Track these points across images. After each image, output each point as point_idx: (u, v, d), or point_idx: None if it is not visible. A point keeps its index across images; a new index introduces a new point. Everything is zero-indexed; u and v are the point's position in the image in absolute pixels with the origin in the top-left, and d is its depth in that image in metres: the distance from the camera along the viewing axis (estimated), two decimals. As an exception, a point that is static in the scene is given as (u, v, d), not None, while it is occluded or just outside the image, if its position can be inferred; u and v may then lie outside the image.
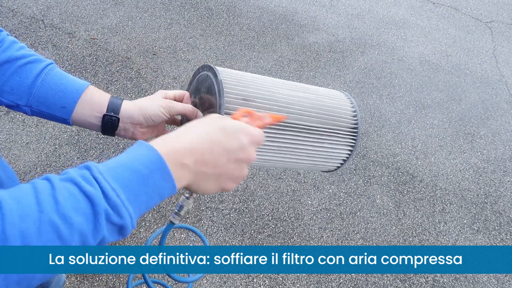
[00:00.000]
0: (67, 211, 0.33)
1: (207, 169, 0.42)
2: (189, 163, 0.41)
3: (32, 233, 0.31)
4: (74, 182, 0.35)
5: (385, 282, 1.60)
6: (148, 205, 0.39)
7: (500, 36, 3.15)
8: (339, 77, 2.54)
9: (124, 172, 0.37)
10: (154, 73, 2.31)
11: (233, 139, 0.43)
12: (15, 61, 0.54)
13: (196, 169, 0.41)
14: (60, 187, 0.34)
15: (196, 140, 0.42)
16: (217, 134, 0.43)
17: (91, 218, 0.34)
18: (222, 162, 0.43)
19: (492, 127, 2.37)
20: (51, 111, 0.56)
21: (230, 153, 0.43)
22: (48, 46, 2.33)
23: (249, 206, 1.77)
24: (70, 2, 2.68)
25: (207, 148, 0.42)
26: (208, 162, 0.42)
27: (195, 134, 0.42)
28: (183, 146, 0.41)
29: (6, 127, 1.89)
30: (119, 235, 0.37)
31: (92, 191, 0.34)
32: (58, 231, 0.32)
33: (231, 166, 0.44)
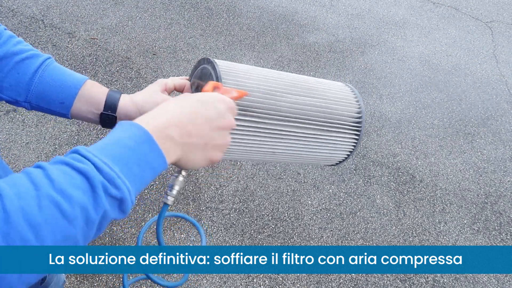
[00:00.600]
0: (64, 187, 0.32)
1: (192, 140, 0.43)
2: (175, 135, 0.41)
3: (32, 209, 0.30)
4: (65, 162, 0.35)
5: (385, 282, 1.60)
6: (143, 179, 0.39)
7: (500, 36, 3.15)
8: (339, 77, 2.54)
9: (113, 147, 0.37)
10: (154, 73, 2.31)
11: (211, 108, 0.45)
12: (13, 57, 0.54)
13: (182, 141, 0.42)
14: (52, 168, 0.34)
15: (177, 113, 0.43)
16: (196, 105, 0.44)
17: (89, 191, 0.33)
18: (205, 131, 0.44)
19: (492, 127, 2.37)
20: (50, 106, 0.57)
21: (211, 121, 0.44)
22: (48, 46, 2.33)
23: (249, 206, 1.77)
24: (70, 2, 2.68)
25: (189, 119, 0.43)
26: (193, 133, 0.43)
27: (175, 108, 0.43)
28: (166, 120, 0.41)
29: (6, 127, 1.89)
30: (120, 211, 0.37)
31: (85, 167, 0.34)
32: (58, 206, 0.32)
33: (214, 134, 0.45)
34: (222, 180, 1.85)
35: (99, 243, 1.56)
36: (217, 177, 1.85)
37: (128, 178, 0.36)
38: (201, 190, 1.79)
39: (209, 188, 1.80)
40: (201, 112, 0.44)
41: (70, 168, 0.34)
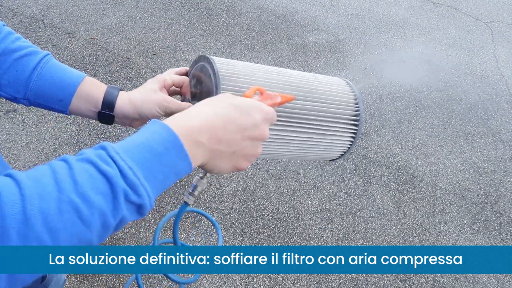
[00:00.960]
0: (86, 191, 0.32)
1: (221, 147, 0.42)
2: (204, 140, 0.40)
3: (53, 213, 0.31)
4: (91, 162, 0.34)
5: (385, 282, 1.60)
6: (165, 184, 0.39)
7: (500, 36, 3.15)
8: (339, 77, 2.54)
9: (140, 150, 0.36)
10: (154, 73, 2.31)
11: (246, 116, 0.43)
12: (11, 54, 0.54)
13: (210, 147, 0.41)
14: (77, 168, 0.33)
15: (209, 118, 0.41)
16: (230, 112, 0.42)
17: (110, 197, 0.33)
18: (236, 139, 0.42)
19: (492, 127, 2.37)
20: (48, 103, 0.57)
21: (244, 130, 0.43)
22: (48, 46, 2.33)
23: (249, 206, 1.77)
24: (70, 2, 2.68)
25: (220, 126, 0.41)
26: (223, 140, 0.41)
27: (208, 112, 0.42)
28: (197, 124, 0.40)
29: (6, 127, 1.89)
30: (138, 214, 0.37)
31: (109, 171, 0.34)
32: (78, 211, 0.32)
33: (245, 144, 0.43)
34: (222, 180, 1.85)
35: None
36: (217, 177, 1.85)
37: (151, 184, 0.36)
38: (201, 190, 1.79)
39: (209, 188, 1.80)
40: (235, 119, 0.42)
41: (94, 169, 0.34)
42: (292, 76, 0.59)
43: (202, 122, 0.41)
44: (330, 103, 0.60)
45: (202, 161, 0.42)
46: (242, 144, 0.43)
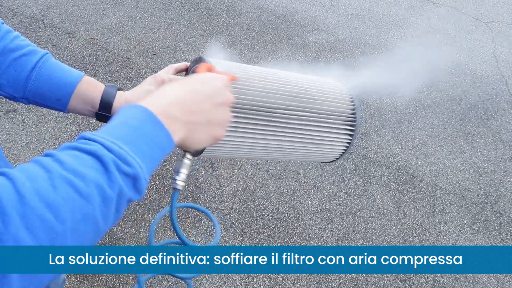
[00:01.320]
0: (75, 167, 0.32)
1: (196, 118, 0.43)
2: (177, 114, 0.41)
3: (47, 189, 0.30)
4: (73, 147, 0.34)
5: (385, 282, 1.60)
6: (152, 158, 0.39)
7: (500, 36, 3.15)
8: (339, 77, 2.54)
9: (118, 128, 0.37)
10: (154, 73, 2.31)
11: (209, 85, 0.45)
12: (10, 53, 0.54)
13: (185, 119, 0.42)
14: (60, 154, 0.33)
15: (178, 92, 0.43)
16: (195, 84, 0.45)
17: (101, 169, 0.33)
18: (207, 108, 0.44)
19: (492, 127, 2.37)
20: (47, 102, 0.57)
21: (211, 98, 0.45)
22: (48, 46, 2.33)
23: (249, 206, 1.77)
24: (70, 2, 2.68)
25: (189, 98, 0.43)
26: (195, 111, 0.43)
27: (175, 88, 0.44)
28: (168, 100, 0.42)
29: (6, 127, 1.89)
30: (136, 190, 0.36)
31: (93, 148, 0.34)
32: (73, 185, 0.31)
33: (216, 111, 0.45)
34: (222, 180, 1.85)
35: (99, 243, 1.57)
36: (217, 177, 1.85)
37: (138, 155, 0.36)
38: (201, 190, 1.79)
39: (209, 188, 1.80)
40: (200, 89, 0.45)
41: (78, 151, 0.34)
42: (290, 83, 0.58)
43: (172, 97, 0.42)
44: (327, 108, 0.60)
45: (181, 136, 0.42)
46: (213, 112, 0.45)
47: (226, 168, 1.90)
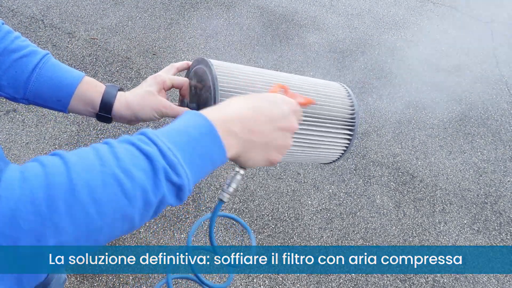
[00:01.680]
0: (128, 167, 0.33)
1: (254, 137, 0.43)
2: (237, 130, 0.41)
3: (97, 185, 0.31)
4: (132, 143, 0.35)
5: (385, 282, 1.60)
6: (202, 170, 0.39)
7: (500, 36, 3.15)
8: (339, 77, 2.54)
9: (177, 134, 0.38)
10: (154, 73, 2.31)
11: (275, 108, 0.44)
12: (10, 54, 0.54)
13: (243, 137, 0.42)
14: (119, 147, 0.34)
15: (241, 109, 0.43)
16: (261, 104, 0.44)
17: (150, 174, 0.34)
18: (268, 130, 0.44)
19: (492, 127, 2.37)
20: (47, 103, 0.57)
21: (274, 121, 0.44)
22: (48, 46, 2.33)
23: (249, 206, 1.77)
24: (70, 2, 2.68)
25: (252, 117, 0.43)
26: (255, 130, 0.43)
27: (239, 104, 0.43)
28: (230, 115, 0.42)
29: (6, 127, 1.89)
30: (177, 198, 0.37)
31: (149, 150, 0.34)
32: (121, 185, 0.32)
33: (276, 135, 0.44)
34: (222, 180, 1.85)
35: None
36: (217, 177, 1.85)
37: (189, 167, 0.37)
38: (201, 190, 1.79)
39: (209, 188, 1.80)
40: (265, 110, 0.44)
41: (135, 149, 0.35)
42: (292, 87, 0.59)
43: (235, 112, 0.42)
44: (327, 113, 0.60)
45: (236, 152, 0.42)
46: (273, 135, 0.44)
47: (226, 168, 1.90)
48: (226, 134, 0.40)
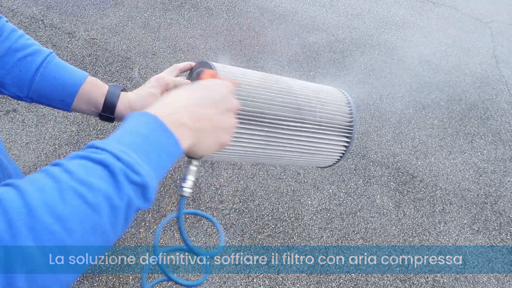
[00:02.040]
0: (84, 177, 0.32)
1: (203, 124, 0.43)
2: (186, 120, 0.41)
3: (56, 201, 0.30)
4: (82, 156, 0.34)
5: (385, 282, 1.60)
6: (162, 166, 0.38)
7: (500, 36, 3.15)
8: (339, 77, 2.54)
9: (127, 136, 0.37)
10: (154, 73, 2.31)
11: (214, 91, 0.46)
12: (15, 53, 0.54)
13: (193, 126, 0.42)
14: (69, 163, 0.33)
15: (185, 99, 0.43)
16: (201, 90, 0.45)
17: (110, 180, 0.33)
18: (213, 114, 0.44)
19: (492, 127, 2.37)
20: (51, 103, 0.57)
21: (217, 103, 0.45)
22: (48, 46, 2.33)
23: (249, 206, 1.77)
24: (70, 2, 2.68)
25: (196, 104, 0.43)
26: (202, 117, 0.43)
27: (182, 95, 0.44)
28: (175, 106, 0.42)
29: (6, 127, 1.89)
30: (145, 199, 0.36)
31: (102, 157, 0.34)
32: (81, 196, 0.31)
33: (221, 117, 0.45)
34: (222, 180, 1.85)
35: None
36: (217, 177, 1.85)
37: (147, 164, 0.36)
38: (201, 190, 1.79)
39: (209, 188, 1.80)
40: (206, 95, 0.45)
41: (87, 161, 0.34)
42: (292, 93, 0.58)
43: (179, 103, 0.43)
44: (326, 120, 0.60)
45: (189, 143, 0.42)
46: (219, 118, 0.45)
47: (226, 168, 1.90)
48: (176, 126, 0.40)
